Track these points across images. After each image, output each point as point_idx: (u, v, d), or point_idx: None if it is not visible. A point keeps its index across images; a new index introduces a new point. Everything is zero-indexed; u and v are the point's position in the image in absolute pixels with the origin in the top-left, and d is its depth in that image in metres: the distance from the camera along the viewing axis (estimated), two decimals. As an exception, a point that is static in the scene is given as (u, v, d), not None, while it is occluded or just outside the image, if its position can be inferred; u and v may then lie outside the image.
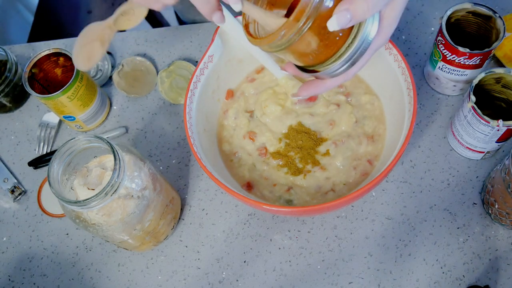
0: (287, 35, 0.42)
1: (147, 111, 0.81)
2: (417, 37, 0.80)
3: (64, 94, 0.72)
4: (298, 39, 0.43)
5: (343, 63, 0.46)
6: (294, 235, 0.68)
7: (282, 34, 0.43)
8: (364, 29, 0.45)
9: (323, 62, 0.47)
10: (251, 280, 0.66)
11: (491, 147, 0.66)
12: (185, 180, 0.74)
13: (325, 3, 0.42)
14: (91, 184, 0.58)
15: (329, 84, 0.52)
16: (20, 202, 0.76)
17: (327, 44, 0.45)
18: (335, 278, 0.65)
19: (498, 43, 0.64)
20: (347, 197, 0.54)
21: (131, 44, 0.87)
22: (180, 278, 0.68)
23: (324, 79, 0.51)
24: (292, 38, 0.43)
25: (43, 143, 0.80)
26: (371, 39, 0.46)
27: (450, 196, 0.68)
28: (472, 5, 0.67)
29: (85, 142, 0.56)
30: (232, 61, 0.71)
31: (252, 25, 0.49)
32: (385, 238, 0.67)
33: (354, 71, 0.49)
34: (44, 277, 0.70)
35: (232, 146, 0.69)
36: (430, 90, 0.76)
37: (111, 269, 0.69)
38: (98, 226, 0.57)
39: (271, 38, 0.43)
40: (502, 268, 0.63)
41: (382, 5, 0.44)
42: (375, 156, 0.66)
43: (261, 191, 0.65)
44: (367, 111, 0.69)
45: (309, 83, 0.54)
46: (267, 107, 0.69)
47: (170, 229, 0.69)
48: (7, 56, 0.80)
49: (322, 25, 0.42)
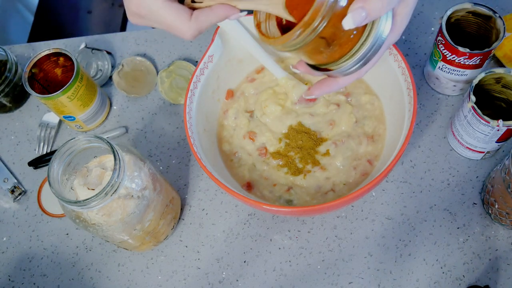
0: (303, 35, 0.42)
1: (147, 111, 0.81)
2: (417, 37, 0.80)
3: (64, 94, 0.72)
4: (313, 38, 0.43)
5: (357, 62, 0.46)
6: (294, 235, 0.68)
7: (298, 34, 0.42)
8: (378, 27, 0.45)
9: (336, 60, 0.47)
10: (251, 280, 0.66)
11: (491, 147, 0.66)
12: (185, 180, 0.74)
13: (339, 2, 0.41)
14: (91, 184, 0.58)
15: (342, 82, 0.52)
16: (20, 202, 0.76)
17: (341, 42, 0.45)
18: (335, 278, 0.65)
19: (498, 43, 0.64)
20: (347, 197, 0.54)
21: (131, 44, 0.87)
22: (180, 278, 0.68)
23: (336, 77, 0.51)
24: (307, 37, 0.42)
25: (43, 143, 0.80)
26: (385, 36, 0.45)
27: (450, 196, 0.68)
28: (472, 5, 0.66)
29: (85, 142, 0.56)
30: (232, 61, 0.71)
31: (263, 24, 0.48)
32: (385, 238, 0.67)
33: (367, 68, 0.49)
34: (44, 277, 0.70)
35: (232, 146, 0.69)
36: (430, 90, 0.76)
37: (111, 269, 0.69)
38: (98, 226, 0.57)
39: (286, 38, 0.43)
40: (502, 268, 0.63)
41: (396, 2, 0.44)
42: (375, 156, 0.66)
43: (261, 191, 0.65)
44: (367, 111, 0.69)
45: (322, 81, 0.54)
46: (267, 107, 0.69)
47: (170, 229, 0.69)
48: (7, 56, 0.80)
49: (337, 24, 0.42)
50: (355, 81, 0.71)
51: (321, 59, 0.47)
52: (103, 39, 0.88)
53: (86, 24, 1.52)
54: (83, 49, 0.85)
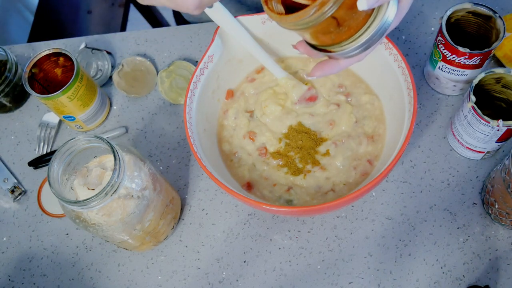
0: (318, 13, 0.42)
1: (147, 111, 0.81)
2: (417, 37, 0.80)
3: (64, 94, 0.72)
4: (325, 18, 0.43)
5: (361, 45, 0.46)
6: (294, 235, 0.68)
7: (313, 12, 0.42)
8: (385, 11, 0.45)
9: (341, 42, 0.47)
10: (251, 280, 0.66)
11: (491, 147, 0.66)
12: (185, 180, 0.74)
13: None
14: (91, 184, 0.58)
15: (343, 64, 0.52)
16: (20, 202, 0.76)
17: (351, 24, 0.45)
18: (335, 278, 0.65)
19: (498, 43, 0.64)
20: (347, 197, 0.54)
21: (131, 44, 0.87)
22: (180, 278, 0.68)
23: (338, 59, 0.51)
24: (321, 16, 0.42)
25: (43, 143, 0.80)
26: (391, 20, 0.45)
27: (450, 196, 0.68)
28: (472, 5, 0.66)
29: (85, 142, 0.56)
30: (232, 61, 0.71)
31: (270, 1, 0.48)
32: (385, 238, 0.67)
33: (368, 52, 0.49)
34: (44, 277, 0.70)
35: (232, 146, 0.69)
36: (430, 90, 0.76)
37: (111, 269, 0.69)
38: (98, 226, 0.57)
39: (300, 16, 0.43)
40: (502, 268, 0.63)
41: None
42: (375, 156, 0.66)
43: (261, 191, 0.65)
44: (367, 111, 0.69)
45: (323, 63, 0.54)
46: (267, 107, 0.69)
47: (170, 229, 0.69)
48: (7, 56, 0.80)
49: (350, 5, 0.42)
50: (355, 81, 0.71)
51: (326, 40, 0.47)
52: (103, 39, 0.88)
53: (86, 24, 1.52)
54: (83, 49, 0.85)
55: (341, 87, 0.71)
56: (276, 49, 0.73)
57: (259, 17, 0.68)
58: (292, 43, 0.56)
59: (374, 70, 0.68)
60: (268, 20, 0.68)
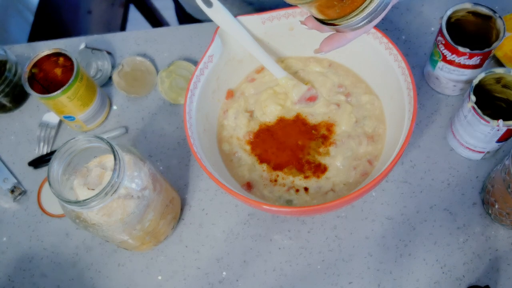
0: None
1: (147, 111, 0.81)
2: (417, 37, 0.80)
3: (64, 94, 0.72)
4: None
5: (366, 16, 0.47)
6: (294, 235, 0.68)
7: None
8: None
9: (346, 15, 0.48)
10: (251, 280, 0.66)
11: (491, 147, 0.66)
12: (185, 180, 0.74)
13: None
14: (91, 184, 0.58)
15: (350, 36, 0.52)
16: (20, 202, 0.76)
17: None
18: (335, 278, 0.65)
19: (498, 43, 0.64)
20: (347, 197, 0.54)
21: (131, 44, 0.87)
22: (180, 278, 0.68)
23: (344, 32, 0.52)
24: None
25: (43, 143, 0.80)
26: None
27: (450, 196, 0.68)
28: (472, 5, 0.67)
29: (85, 142, 0.56)
30: (232, 61, 0.71)
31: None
32: (385, 238, 0.67)
33: (373, 23, 0.49)
34: (44, 277, 0.70)
35: (232, 146, 0.69)
36: (430, 90, 0.76)
37: (111, 269, 0.69)
38: (98, 226, 0.57)
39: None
40: (502, 268, 0.63)
41: None
42: (375, 156, 0.66)
43: (261, 191, 0.65)
44: (367, 111, 0.69)
45: (330, 37, 0.54)
46: (267, 107, 0.69)
47: (170, 229, 0.69)
48: (7, 56, 0.80)
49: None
50: (355, 81, 0.71)
51: (332, 13, 0.48)
52: (103, 39, 0.88)
53: (86, 24, 1.52)
54: (83, 49, 0.85)
55: (341, 87, 0.71)
56: (276, 49, 0.73)
57: (259, 17, 0.68)
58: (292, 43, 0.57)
59: (374, 70, 0.68)
60: (268, 20, 0.68)
